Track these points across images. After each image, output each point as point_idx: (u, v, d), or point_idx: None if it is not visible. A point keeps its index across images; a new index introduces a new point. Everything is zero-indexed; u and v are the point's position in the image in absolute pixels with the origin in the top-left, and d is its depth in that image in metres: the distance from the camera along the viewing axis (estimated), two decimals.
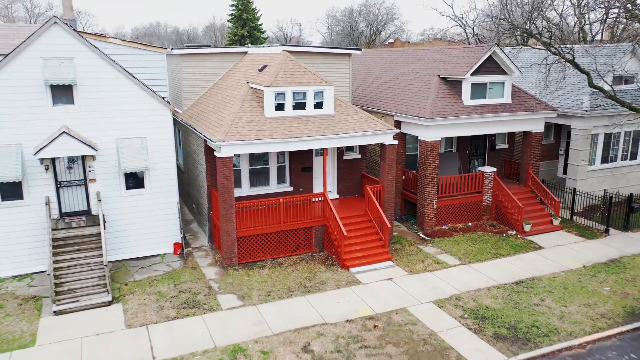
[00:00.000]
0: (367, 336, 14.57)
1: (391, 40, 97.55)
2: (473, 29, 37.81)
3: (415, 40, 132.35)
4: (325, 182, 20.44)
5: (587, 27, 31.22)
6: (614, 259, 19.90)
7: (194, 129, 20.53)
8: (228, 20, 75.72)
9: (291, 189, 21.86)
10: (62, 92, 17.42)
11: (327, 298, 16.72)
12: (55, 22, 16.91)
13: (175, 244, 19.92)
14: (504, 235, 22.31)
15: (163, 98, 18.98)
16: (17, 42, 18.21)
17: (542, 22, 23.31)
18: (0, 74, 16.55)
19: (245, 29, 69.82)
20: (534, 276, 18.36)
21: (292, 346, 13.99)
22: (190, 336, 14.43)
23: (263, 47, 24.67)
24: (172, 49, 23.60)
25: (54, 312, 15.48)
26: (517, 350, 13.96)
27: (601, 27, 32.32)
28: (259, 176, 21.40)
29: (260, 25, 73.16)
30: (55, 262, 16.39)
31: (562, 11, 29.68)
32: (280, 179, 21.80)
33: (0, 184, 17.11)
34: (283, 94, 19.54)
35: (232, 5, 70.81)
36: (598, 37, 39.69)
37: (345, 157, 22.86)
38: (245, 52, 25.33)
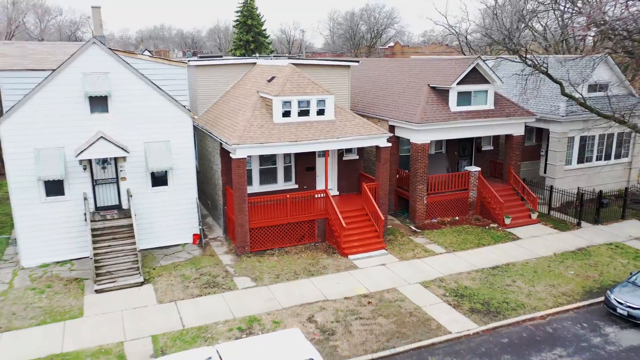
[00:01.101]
0: (362, 310, 17.21)
1: (391, 44, 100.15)
2: (466, 37, 40.33)
3: (415, 42, 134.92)
4: (327, 180, 23.12)
5: (570, 37, 33.77)
6: (582, 247, 22.52)
7: (210, 133, 23.21)
8: (233, 26, 78.33)
9: (296, 186, 24.48)
10: (98, 102, 20.10)
11: (328, 280, 19.37)
12: (94, 42, 19.61)
13: (194, 234, 22.59)
14: (487, 227, 24.93)
15: (184, 106, 21.67)
16: (58, 58, 20.91)
17: (523, 34, 25.94)
18: (46, 86, 19.25)
19: (250, 34, 72.51)
20: (509, 262, 20.98)
21: (299, 317, 16.64)
22: (213, 310, 17.08)
23: (271, 59, 27.32)
24: (188, 61, 26.26)
25: (95, 290, 18.16)
26: (488, 321, 16.58)
27: (582, 39, 34.80)
28: (267, 175, 24.05)
29: (265, 30, 75.81)
30: (94, 248, 19.07)
31: (546, 23, 32.34)
32: (287, 178, 24.43)
33: (45, 182, 19.80)
34: (289, 102, 22.18)
35: (237, 12, 73.53)
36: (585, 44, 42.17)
37: (345, 158, 25.48)
38: (254, 63, 27.97)
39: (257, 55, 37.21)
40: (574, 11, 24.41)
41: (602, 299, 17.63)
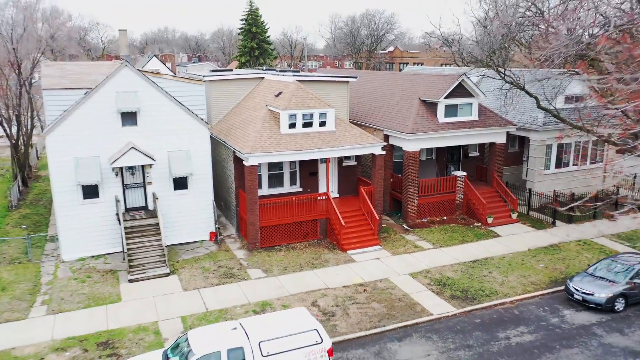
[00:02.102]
0: (358, 296, 20.14)
1: (391, 49, 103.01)
2: (459, 48, 43.16)
3: (416, 43, 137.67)
4: (328, 184, 26.05)
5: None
6: (554, 244, 25.42)
7: (225, 142, 26.16)
8: (238, 34, 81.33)
9: (301, 189, 27.40)
10: (128, 117, 23.06)
11: (329, 271, 22.31)
12: (126, 65, 22.58)
13: (211, 232, 25.54)
14: (471, 226, 27.85)
15: (202, 119, 24.63)
16: (92, 77, 23.91)
17: (505, 54, 28.81)
18: (85, 103, 22.22)
19: (254, 41, 75.55)
20: (488, 256, 23.90)
21: (304, 302, 19.57)
22: (230, 296, 20.03)
23: (277, 73, 30.23)
24: (203, 77, 29.20)
25: (129, 280, 21.13)
26: (465, 305, 19.50)
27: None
28: (275, 179, 26.96)
29: (269, 37, 78.87)
30: (127, 244, 22.03)
31: (531, 36, 35.33)
32: (292, 182, 27.35)
33: (83, 186, 22.77)
34: (295, 115, 25.11)
35: (242, 20, 76.59)
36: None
37: (344, 164, 28.40)
38: (262, 77, 30.92)
39: (265, 68, 40.06)
40: (551, 31, 27.22)
41: (564, 287, 20.52)
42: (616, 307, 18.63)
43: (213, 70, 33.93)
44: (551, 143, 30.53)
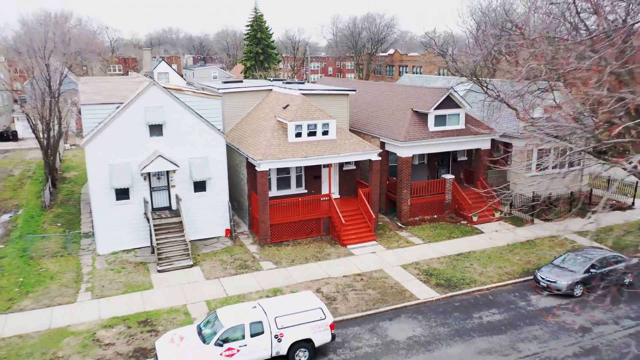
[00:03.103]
0: (356, 284, 23.43)
1: (391, 52, 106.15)
2: (452, 57, 46.36)
3: (417, 42, 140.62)
4: (330, 186, 29.31)
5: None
6: (530, 239, 28.67)
7: (238, 149, 29.45)
8: (244, 39, 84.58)
9: (306, 191, 30.67)
10: (155, 128, 26.37)
11: (331, 263, 25.61)
12: (154, 84, 25.88)
13: (226, 229, 28.85)
14: (458, 224, 31.11)
15: (219, 129, 27.91)
16: (122, 93, 27.22)
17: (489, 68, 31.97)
18: (119, 117, 25.52)
19: (259, 46, 78.79)
20: (470, 250, 27.16)
21: (310, 289, 22.85)
22: (246, 284, 23.33)
23: (284, 87, 33.47)
24: (218, 89, 32.48)
25: (158, 270, 24.46)
26: (447, 291, 22.78)
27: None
28: (283, 182, 30.23)
29: (273, 41, 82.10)
30: (156, 240, 25.35)
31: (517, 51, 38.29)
32: (298, 184, 30.62)
33: (116, 189, 26.09)
34: (301, 125, 28.37)
35: (247, 26, 79.86)
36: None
37: (344, 168, 31.67)
38: (270, 89, 34.19)
39: (272, 79, 43.02)
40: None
41: (532, 276, 23.76)
42: (575, 293, 21.91)
43: (225, 82, 37.17)
44: (532, 148, 33.73)
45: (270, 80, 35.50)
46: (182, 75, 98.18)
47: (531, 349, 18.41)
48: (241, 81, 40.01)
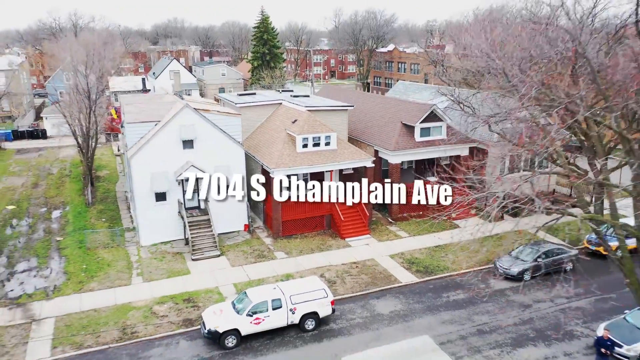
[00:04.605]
0: (352, 271, 29.24)
1: (391, 48, 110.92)
2: (445, 68, 51.64)
3: (419, 34, 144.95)
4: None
5: None
6: (498, 233, 34.30)
7: (254, 157, 35.12)
8: (251, 41, 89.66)
9: None
10: (188, 143, 32.03)
11: (332, 253, 31.41)
12: (187, 106, 31.48)
13: (245, 224, 34.64)
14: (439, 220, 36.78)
15: (239, 142, 33.53)
16: (160, 112, 32.83)
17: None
18: (159, 134, 31.16)
19: (265, 47, 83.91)
20: (447, 243, 32.89)
21: (315, 274, 28.64)
22: (264, 270, 29.16)
23: (292, 103, 38.95)
24: (236, 104, 38.00)
25: (192, 259, 30.30)
26: (425, 277, 28.58)
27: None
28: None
29: (278, 42, 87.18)
30: (191, 234, 31.17)
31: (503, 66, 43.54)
32: None
33: (156, 193, 31.83)
34: (307, 138, 33.96)
35: (254, 27, 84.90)
36: None
37: (344, 173, 37.29)
38: (280, 103, 39.73)
39: (280, 89, 48.43)
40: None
41: (493, 264, 29.50)
42: (525, 278, 27.70)
43: (240, 94, 42.62)
44: (505, 154, 39.27)
45: (279, 91, 40.98)
46: (190, 71, 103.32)
47: (483, 319, 24.27)
48: (254, 93, 45.51)
